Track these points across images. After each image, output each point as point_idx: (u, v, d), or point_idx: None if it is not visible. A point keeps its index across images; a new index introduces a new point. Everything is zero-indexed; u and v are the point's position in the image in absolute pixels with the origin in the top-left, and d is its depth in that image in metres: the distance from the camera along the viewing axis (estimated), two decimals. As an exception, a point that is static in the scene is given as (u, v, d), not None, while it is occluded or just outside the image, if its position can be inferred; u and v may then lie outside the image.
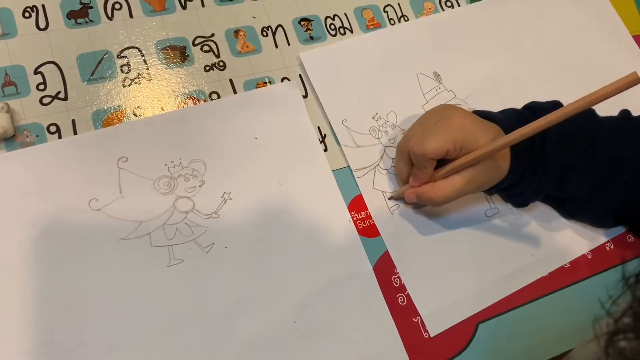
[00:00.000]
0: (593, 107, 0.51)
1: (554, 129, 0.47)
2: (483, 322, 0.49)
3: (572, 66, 0.63)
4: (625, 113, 0.53)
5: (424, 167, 0.46)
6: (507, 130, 0.45)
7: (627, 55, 0.65)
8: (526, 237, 0.53)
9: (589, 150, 0.49)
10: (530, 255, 0.52)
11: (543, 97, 0.52)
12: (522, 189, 0.49)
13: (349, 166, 0.51)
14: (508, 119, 0.48)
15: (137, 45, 0.50)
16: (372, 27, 0.58)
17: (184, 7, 0.52)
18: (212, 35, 0.52)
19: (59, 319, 0.41)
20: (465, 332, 0.49)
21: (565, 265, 0.53)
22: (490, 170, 0.46)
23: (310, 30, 0.55)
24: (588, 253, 0.54)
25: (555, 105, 0.51)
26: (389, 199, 0.51)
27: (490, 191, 0.50)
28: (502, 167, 0.47)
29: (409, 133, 0.50)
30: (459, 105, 0.56)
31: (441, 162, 0.47)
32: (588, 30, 0.65)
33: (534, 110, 0.50)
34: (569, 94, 0.59)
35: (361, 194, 0.51)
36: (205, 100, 0.50)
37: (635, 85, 0.38)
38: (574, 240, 0.54)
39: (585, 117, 0.51)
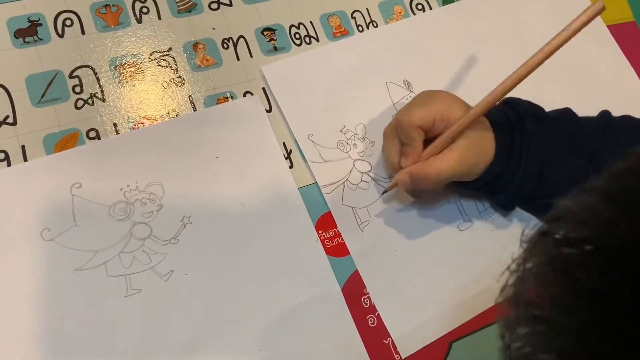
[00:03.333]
0: (571, 107, 0.50)
1: (533, 119, 0.46)
2: (456, 341, 0.48)
3: (550, 68, 0.60)
4: (605, 113, 0.51)
5: (412, 140, 0.45)
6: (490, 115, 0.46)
7: (607, 54, 0.63)
8: (501, 250, 0.51)
9: (570, 144, 0.47)
10: (507, 269, 0.51)
11: (519, 102, 0.50)
12: (506, 180, 0.47)
13: (316, 182, 0.50)
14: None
15: (89, 64, 0.47)
16: (340, 34, 0.55)
17: (139, 21, 0.50)
18: (170, 49, 0.50)
19: (13, 353, 0.39)
20: (438, 352, 0.47)
21: (543, 277, 0.52)
22: (480, 144, 0.45)
23: (274, 40, 0.53)
24: (566, 264, 0.53)
25: (530, 103, 0.49)
26: (383, 193, 0.50)
27: (477, 184, 0.47)
28: (489, 143, 0.46)
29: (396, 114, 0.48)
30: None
31: (430, 143, 0.46)
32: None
33: (513, 105, 0.48)
34: (548, 97, 0.58)
35: (330, 212, 0.49)
36: (162, 119, 0.48)
37: (599, 14, 0.39)
38: (551, 251, 0.53)
39: (563, 114, 0.49)
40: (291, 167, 0.49)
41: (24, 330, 0.40)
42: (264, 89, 0.51)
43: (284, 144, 0.50)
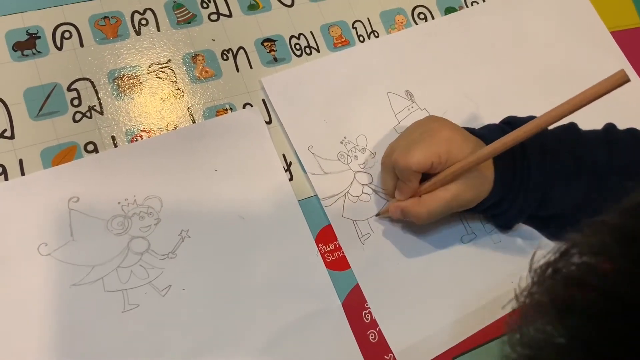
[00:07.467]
0: (575, 122, 0.49)
1: (536, 144, 0.45)
2: (459, 357, 0.47)
3: (553, 78, 0.60)
4: (610, 127, 0.50)
5: (408, 180, 0.45)
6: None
7: (612, 64, 0.62)
8: (505, 263, 0.51)
9: (573, 166, 0.46)
10: (510, 282, 0.50)
11: (523, 112, 0.49)
12: (507, 206, 0.47)
13: (316, 195, 0.49)
14: (491, 134, 0.46)
15: (88, 76, 0.47)
16: (340, 45, 0.55)
17: (138, 33, 0.50)
18: (169, 61, 0.50)
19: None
20: (441, 367, 0.46)
21: (548, 291, 0.51)
22: (477, 183, 0.45)
23: (274, 51, 0.53)
24: (571, 277, 0.52)
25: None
26: (376, 215, 0.49)
27: (476, 210, 0.47)
28: (487, 180, 0.45)
29: (393, 145, 0.48)
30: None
31: (428, 176, 0.45)
32: (569, 39, 0.62)
33: (514, 125, 0.47)
34: (550, 107, 0.56)
35: (330, 224, 0.48)
36: (161, 132, 0.47)
37: (623, 84, 0.35)
38: (556, 264, 0.52)
39: (567, 131, 0.48)
40: (291, 179, 0.49)
41: (19, 345, 0.39)
42: (263, 100, 0.51)
43: (283, 155, 0.50)
